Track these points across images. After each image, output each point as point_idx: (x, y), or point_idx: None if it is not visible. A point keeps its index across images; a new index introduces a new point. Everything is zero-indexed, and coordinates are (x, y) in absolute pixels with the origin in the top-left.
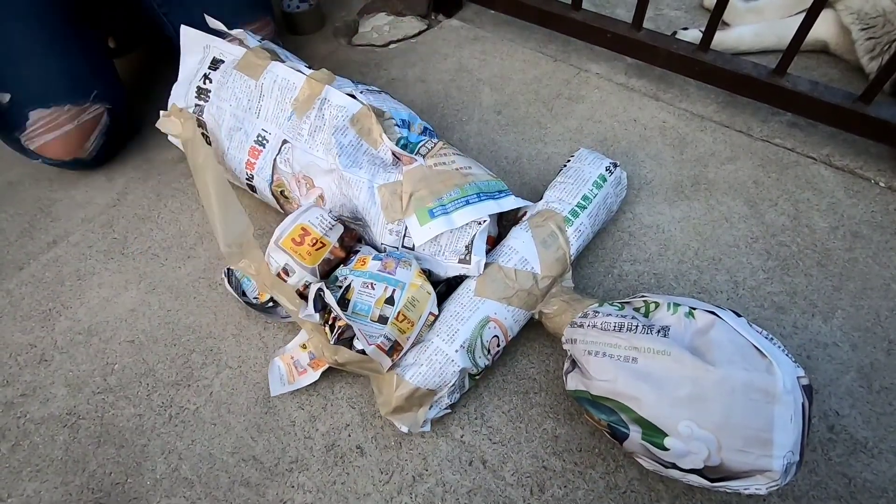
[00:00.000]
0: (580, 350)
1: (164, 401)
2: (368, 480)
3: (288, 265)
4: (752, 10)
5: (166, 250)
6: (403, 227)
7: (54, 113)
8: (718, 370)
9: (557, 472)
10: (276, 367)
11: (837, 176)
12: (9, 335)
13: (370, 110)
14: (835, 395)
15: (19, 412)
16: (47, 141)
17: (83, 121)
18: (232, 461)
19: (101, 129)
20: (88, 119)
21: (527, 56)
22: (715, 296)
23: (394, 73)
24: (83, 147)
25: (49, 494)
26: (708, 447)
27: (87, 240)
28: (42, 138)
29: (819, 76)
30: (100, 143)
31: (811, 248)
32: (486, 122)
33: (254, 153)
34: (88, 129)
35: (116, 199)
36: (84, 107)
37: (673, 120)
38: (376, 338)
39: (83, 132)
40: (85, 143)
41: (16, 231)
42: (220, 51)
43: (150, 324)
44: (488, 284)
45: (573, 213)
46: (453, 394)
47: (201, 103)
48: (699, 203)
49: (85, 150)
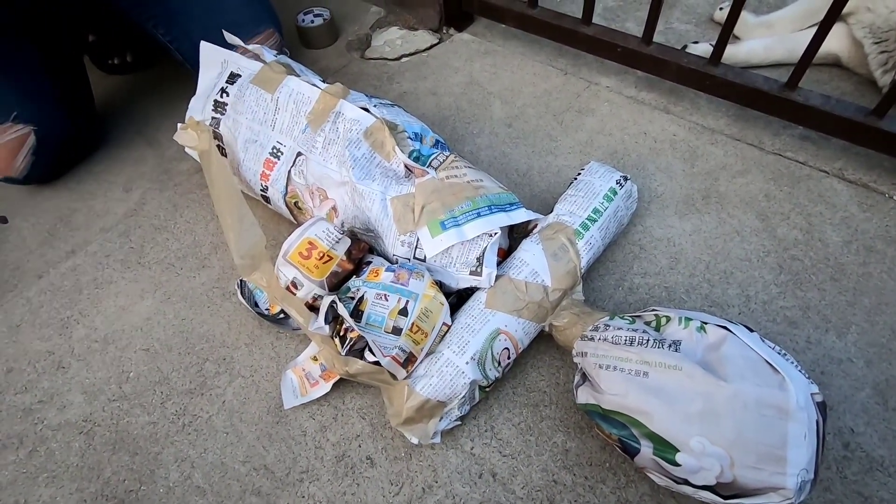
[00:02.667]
0: (591, 363)
1: (177, 409)
2: (378, 492)
3: (296, 279)
4: (762, 24)
5: (181, 260)
6: (415, 238)
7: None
8: (730, 386)
9: (568, 486)
10: (289, 380)
11: (850, 190)
12: (28, 342)
13: (383, 124)
14: (850, 412)
15: (36, 418)
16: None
17: (4, 140)
18: (243, 470)
19: (28, 150)
20: (10, 139)
21: (537, 69)
22: (726, 310)
23: (406, 87)
24: (11, 166)
25: (64, 500)
26: (720, 463)
27: (105, 249)
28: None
29: (831, 90)
30: (30, 162)
31: (824, 262)
32: (497, 134)
33: (269, 165)
34: (13, 149)
35: (134, 210)
36: (3, 126)
37: (683, 133)
38: (391, 349)
39: (8, 151)
40: (12, 161)
41: (36, 240)
42: (237, 65)
43: (164, 332)
44: (499, 297)
45: (584, 225)
46: (463, 406)
47: (218, 116)
48: (710, 216)
49: (14, 169)
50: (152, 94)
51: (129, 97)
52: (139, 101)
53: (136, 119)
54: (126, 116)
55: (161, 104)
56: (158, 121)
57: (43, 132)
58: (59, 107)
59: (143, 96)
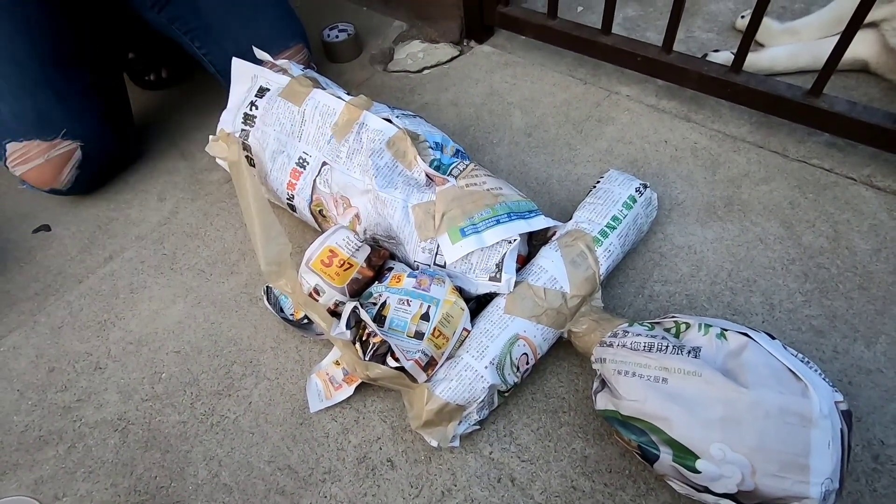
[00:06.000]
0: (610, 369)
1: (206, 409)
2: (398, 494)
3: (318, 285)
4: (787, 31)
5: (211, 266)
6: (436, 245)
7: (25, 147)
8: (752, 392)
9: (587, 492)
10: (314, 384)
11: (879, 197)
12: (68, 343)
13: (406, 134)
14: (879, 423)
15: (75, 416)
16: (24, 171)
17: (52, 156)
18: (268, 469)
19: (74, 164)
20: (58, 154)
21: (557, 80)
22: (749, 318)
23: (427, 98)
24: (58, 179)
25: (100, 495)
26: (742, 471)
27: (140, 255)
28: (19, 168)
29: (859, 96)
30: (74, 175)
31: (852, 270)
32: (517, 143)
33: (295, 174)
34: (60, 163)
35: (167, 218)
36: (53, 142)
37: (705, 141)
38: (413, 353)
39: (54, 166)
40: (59, 175)
41: (77, 247)
42: (266, 80)
43: (195, 335)
44: (518, 302)
45: (602, 233)
46: (482, 410)
47: (247, 128)
48: (733, 224)
49: (60, 181)
50: (185, 108)
51: (163, 111)
52: (173, 114)
53: (170, 132)
54: (161, 129)
55: (193, 118)
56: (191, 133)
57: (88, 148)
58: (104, 123)
59: (177, 110)
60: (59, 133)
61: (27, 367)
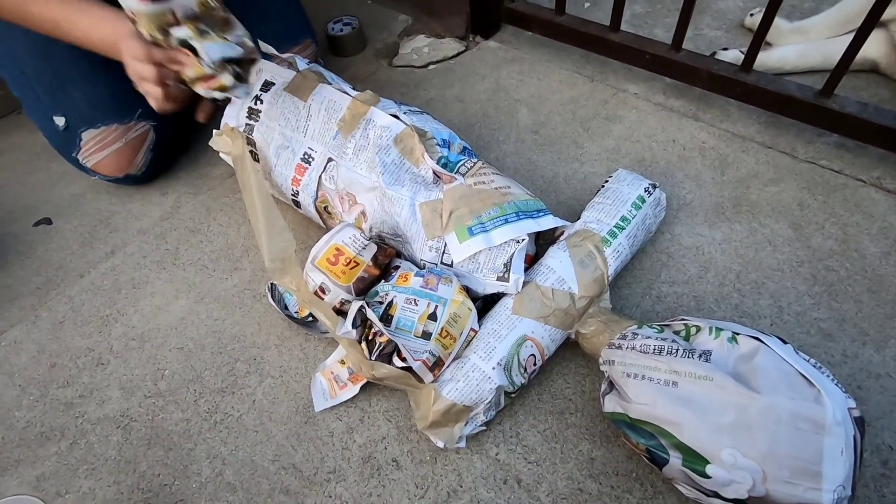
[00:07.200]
0: (618, 372)
1: (209, 407)
2: (404, 494)
3: (324, 284)
4: (797, 30)
5: (214, 262)
6: (443, 244)
7: (103, 132)
8: (764, 398)
9: (594, 495)
10: (318, 383)
11: (889, 199)
12: (70, 339)
13: (413, 130)
14: (888, 428)
15: (77, 412)
16: (100, 159)
17: (130, 138)
18: (273, 468)
19: (148, 145)
20: (135, 136)
21: (563, 77)
22: (758, 320)
23: (433, 94)
24: (133, 163)
25: (102, 492)
26: (752, 477)
27: (142, 250)
28: (95, 157)
29: (868, 96)
30: (148, 158)
31: (861, 273)
32: (523, 141)
33: (300, 170)
34: (136, 145)
35: (170, 213)
36: (129, 125)
37: (713, 140)
38: (421, 353)
39: (131, 149)
40: (134, 159)
41: (78, 241)
42: (271, 74)
43: (198, 332)
44: (526, 303)
45: (611, 233)
46: (489, 411)
47: (252, 123)
48: (741, 225)
49: (135, 165)
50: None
51: None
52: None
53: None
54: None
55: None
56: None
57: (160, 129)
58: None
59: None
60: (136, 114)
61: (28, 362)
